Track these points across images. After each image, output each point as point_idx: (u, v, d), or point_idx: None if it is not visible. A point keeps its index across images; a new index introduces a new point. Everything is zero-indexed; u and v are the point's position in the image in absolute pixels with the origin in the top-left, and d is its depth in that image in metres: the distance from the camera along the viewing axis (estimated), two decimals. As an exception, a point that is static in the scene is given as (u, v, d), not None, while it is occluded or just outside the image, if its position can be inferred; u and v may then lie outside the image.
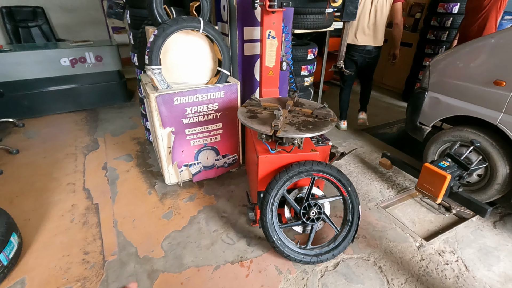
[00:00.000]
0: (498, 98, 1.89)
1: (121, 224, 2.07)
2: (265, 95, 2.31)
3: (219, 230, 2.03)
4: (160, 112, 2.13)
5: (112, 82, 4.16)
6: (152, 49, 1.98)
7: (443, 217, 2.22)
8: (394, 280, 1.69)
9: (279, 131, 1.56)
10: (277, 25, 2.07)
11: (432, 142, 2.40)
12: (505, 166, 1.97)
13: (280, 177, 1.72)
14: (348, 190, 1.77)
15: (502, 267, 1.78)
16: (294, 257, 1.72)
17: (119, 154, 2.96)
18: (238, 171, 2.70)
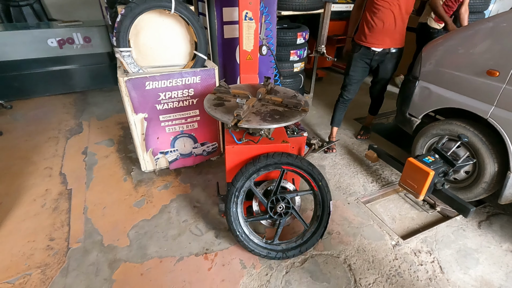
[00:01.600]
0: (490, 89, 1.73)
1: (91, 211, 2.04)
2: (243, 81, 2.19)
3: (189, 220, 1.98)
4: (131, 97, 2.04)
5: (102, 65, 4.06)
6: (119, 30, 1.86)
7: (426, 214, 2.11)
8: (362, 280, 1.62)
9: (241, 121, 1.45)
10: (254, 5, 1.93)
11: (420, 135, 2.26)
12: (493, 164, 1.83)
13: (247, 169, 1.63)
14: (319, 184, 1.67)
15: (480, 270, 1.68)
16: (258, 252, 1.66)
17: (101, 139, 2.91)
18: (219, 160, 2.62)
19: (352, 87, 2.54)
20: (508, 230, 1.95)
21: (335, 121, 2.76)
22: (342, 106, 2.68)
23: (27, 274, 1.61)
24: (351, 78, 2.50)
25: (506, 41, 1.63)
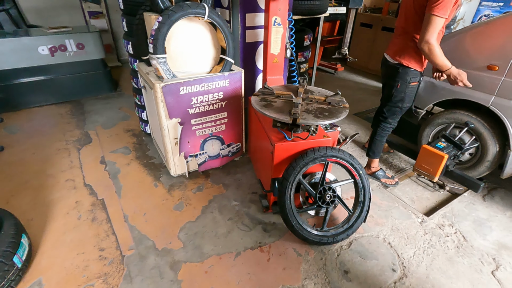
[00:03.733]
0: (491, 81, 2.03)
1: (132, 218, 2.04)
2: (270, 83, 2.31)
3: (233, 218, 2.06)
4: (166, 102, 2.07)
5: (96, 72, 3.94)
6: (157, 37, 1.90)
7: (438, 193, 2.39)
8: (404, 254, 1.83)
9: (298, 119, 1.58)
10: (283, 11, 2.07)
11: (426, 125, 2.54)
12: (495, 145, 2.15)
13: (297, 163, 1.76)
14: (360, 173, 1.86)
15: (495, 235, 1.97)
16: (312, 239, 1.80)
17: (116, 147, 2.86)
18: (242, 160, 2.71)
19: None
20: (508, 200, 2.29)
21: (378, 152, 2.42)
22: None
23: (90, 286, 1.59)
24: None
25: (505, 39, 1.93)
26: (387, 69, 2.15)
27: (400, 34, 2.00)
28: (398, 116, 2.24)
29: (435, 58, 1.79)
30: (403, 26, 1.96)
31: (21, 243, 1.61)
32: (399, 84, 2.05)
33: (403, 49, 1.98)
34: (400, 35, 2.00)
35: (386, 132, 2.31)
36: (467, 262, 1.79)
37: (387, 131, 2.30)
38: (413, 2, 1.83)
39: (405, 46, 1.97)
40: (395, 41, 2.06)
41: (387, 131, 2.31)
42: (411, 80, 2.03)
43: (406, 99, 2.11)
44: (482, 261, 1.79)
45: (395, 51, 2.03)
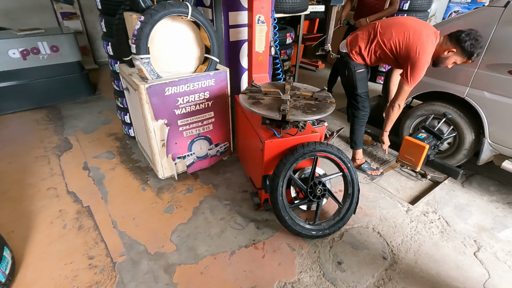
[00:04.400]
0: (465, 74, 2.14)
1: (121, 223, 1.98)
2: (255, 81, 2.31)
3: (225, 217, 2.05)
4: (151, 104, 2.03)
5: (73, 75, 3.78)
6: (140, 37, 1.85)
7: (421, 182, 2.50)
8: (393, 242, 1.90)
9: (287, 115, 1.60)
10: (267, 9, 2.08)
11: (407, 117, 2.65)
12: (471, 134, 2.27)
13: (287, 159, 1.78)
14: (348, 166, 1.91)
15: (475, 219, 2.09)
16: (305, 233, 1.82)
17: (98, 152, 2.76)
18: (230, 159, 2.71)
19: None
20: (484, 185, 2.43)
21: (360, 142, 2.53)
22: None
23: (81, 295, 1.54)
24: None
25: (475, 34, 2.04)
26: (338, 59, 2.37)
27: (365, 38, 2.13)
28: (364, 103, 2.35)
29: (392, 118, 2.26)
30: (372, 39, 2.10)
31: (3, 256, 1.53)
32: (347, 72, 2.25)
33: (356, 45, 2.16)
34: (365, 39, 2.13)
35: (362, 120, 2.41)
36: (451, 245, 1.88)
37: (363, 118, 2.40)
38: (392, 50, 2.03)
39: (360, 45, 2.14)
40: (356, 36, 2.18)
41: (363, 119, 2.40)
42: (355, 68, 2.21)
43: (358, 86, 2.27)
44: (465, 244, 1.89)
45: (350, 41, 2.19)
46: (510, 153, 2.11)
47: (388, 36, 2.01)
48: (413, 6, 4.09)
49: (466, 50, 1.89)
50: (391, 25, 2.04)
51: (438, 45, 1.96)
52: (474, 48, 1.87)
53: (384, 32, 2.04)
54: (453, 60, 1.99)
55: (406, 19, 2.07)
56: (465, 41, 1.86)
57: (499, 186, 2.42)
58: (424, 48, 1.90)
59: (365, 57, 2.18)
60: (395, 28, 2.00)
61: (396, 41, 1.98)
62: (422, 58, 1.91)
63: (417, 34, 1.92)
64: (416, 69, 1.94)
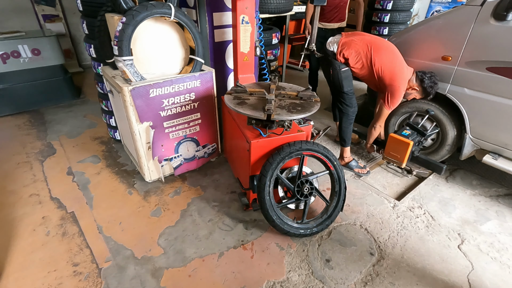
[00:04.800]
0: (446, 71, 2.19)
1: (107, 228, 1.94)
2: (241, 82, 2.32)
3: (213, 219, 2.04)
4: (136, 106, 2.00)
5: (55, 78, 3.70)
6: (122, 38, 1.82)
7: (407, 179, 2.54)
8: (380, 238, 1.92)
9: (272, 115, 1.61)
10: (250, 9, 2.08)
11: (392, 115, 2.69)
12: (453, 130, 2.32)
13: (274, 159, 1.79)
14: (334, 164, 1.92)
15: (458, 213, 2.14)
16: (293, 232, 1.83)
17: (83, 157, 2.70)
18: (219, 160, 2.69)
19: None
20: (467, 180, 2.49)
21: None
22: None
23: (65, 303, 1.50)
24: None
25: (455, 31, 2.10)
26: (323, 57, 2.42)
27: (358, 51, 2.20)
28: (351, 100, 2.39)
29: (374, 136, 2.47)
30: (365, 63, 2.22)
31: (-18, 266, 1.47)
32: (331, 71, 2.31)
33: (347, 51, 2.22)
34: (357, 51, 2.20)
35: (351, 117, 2.45)
36: (436, 239, 1.92)
37: (352, 115, 2.44)
38: (379, 68, 2.16)
39: (351, 52, 2.21)
40: (351, 43, 2.23)
41: (352, 116, 2.44)
42: (340, 67, 2.27)
43: (344, 84, 2.30)
44: (449, 237, 1.93)
45: (343, 44, 2.23)
46: (490, 147, 2.17)
47: (379, 58, 2.15)
48: (396, 6, 4.18)
49: (426, 91, 2.22)
50: (384, 49, 2.18)
51: (409, 81, 2.24)
52: (432, 90, 2.20)
53: (377, 53, 2.16)
54: (414, 95, 2.32)
55: (396, 50, 2.22)
56: (426, 83, 2.17)
57: (481, 180, 2.48)
58: (404, 81, 2.17)
59: (349, 65, 2.26)
60: (386, 54, 2.17)
61: (384, 65, 2.15)
62: (401, 89, 2.16)
63: (401, 67, 2.17)
64: (396, 97, 2.18)
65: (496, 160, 2.13)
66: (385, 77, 2.17)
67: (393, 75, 2.15)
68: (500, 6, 1.86)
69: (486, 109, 2.07)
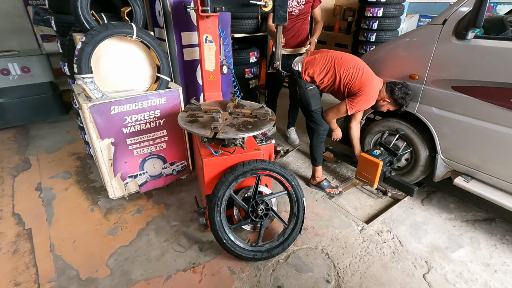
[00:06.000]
0: (414, 90, 2.14)
1: (59, 247, 1.90)
2: (208, 99, 2.32)
3: (170, 239, 1.98)
4: (96, 123, 2.01)
5: (44, 95, 3.80)
6: (81, 57, 1.86)
7: (381, 200, 2.44)
8: (340, 264, 1.81)
9: (219, 133, 1.58)
10: (213, 29, 2.10)
11: (367, 134, 2.63)
12: (425, 150, 2.24)
13: (226, 178, 1.74)
14: (292, 184, 1.85)
15: (429, 238, 2.01)
16: (245, 255, 1.75)
17: (56, 172, 2.71)
18: (189, 178, 2.65)
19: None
20: (444, 203, 2.37)
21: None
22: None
23: (-5, 326, 1.44)
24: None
25: (420, 50, 2.06)
26: (289, 76, 2.43)
27: (322, 66, 2.20)
28: (319, 118, 2.35)
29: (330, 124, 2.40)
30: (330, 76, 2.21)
31: None
32: (298, 90, 2.29)
33: (311, 68, 2.21)
34: (321, 66, 2.20)
35: (320, 137, 2.40)
36: (401, 267, 1.80)
37: (322, 134, 2.39)
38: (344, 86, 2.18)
39: (314, 69, 2.21)
40: (314, 60, 2.23)
41: (321, 135, 2.39)
42: (306, 85, 2.25)
43: (311, 102, 2.28)
44: (415, 265, 1.81)
45: (307, 62, 2.24)
46: (462, 169, 2.07)
47: (344, 71, 2.14)
48: (381, 26, 4.19)
49: (397, 102, 2.13)
50: (347, 62, 2.17)
51: (380, 92, 2.18)
52: (404, 101, 2.11)
53: (341, 64, 2.16)
54: (387, 107, 2.24)
55: (361, 62, 2.21)
56: (397, 94, 2.10)
57: (459, 203, 2.35)
58: (373, 89, 2.13)
59: (316, 82, 2.24)
60: (351, 66, 2.15)
61: (350, 76, 2.14)
62: (370, 95, 2.12)
63: (369, 76, 2.15)
64: (362, 100, 2.12)
65: (468, 183, 2.02)
66: (354, 87, 2.14)
67: (361, 84, 2.11)
68: (460, 25, 1.82)
69: (455, 129, 1.99)
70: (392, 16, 4.17)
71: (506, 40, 1.72)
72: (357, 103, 2.11)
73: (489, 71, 1.76)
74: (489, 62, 1.76)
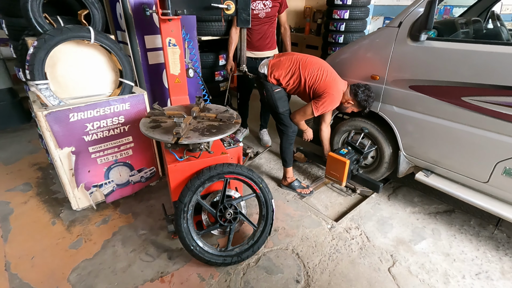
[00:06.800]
0: (375, 90, 2.22)
1: (16, 265, 1.79)
2: (174, 103, 2.27)
3: (137, 249, 1.91)
4: (53, 131, 1.91)
5: (2, 102, 3.58)
6: (33, 62, 1.76)
7: (350, 198, 2.50)
8: (309, 263, 1.84)
9: (181, 139, 1.55)
10: (176, 32, 2.07)
11: (335, 133, 2.69)
12: (388, 147, 2.32)
13: (192, 184, 1.71)
14: (260, 186, 1.86)
15: (395, 232, 2.09)
16: (215, 261, 1.72)
17: (14, 185, 2.55)
18: (159, 184, 2.59)
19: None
20: (408, 197, 2.47)
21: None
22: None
23: None
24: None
25: (379, 52, 2.14)
26: (256, 79, 2.43)
27: (287, 68, 2.22)
28: (288, 121, 2.36)
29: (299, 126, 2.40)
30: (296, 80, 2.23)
31: None
32: (265, 92, 2.30)
33: (277, 71, 2.22)
34: (286, 69, 2.22)
35: (290, 138, 2.41)
36: (368, 262, 1.85)
37: (291, 136, 2.41)
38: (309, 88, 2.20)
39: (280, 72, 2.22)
40: (279, 62, 2.25)
41: (290, 136, 2.41)
42: (273, 88, 2.26)
43: (278, 104, 2.29)
44: (381, 259, 1.87)
45: (272, 65, 2.26)
46: (423, 164, 2.17)
47: (309, 73, 2.17)
48: (348, 28, 4.32)
49: (360, 104, 2.18)
50: (311, 64, 2.19)
51: (344, 94, 2.21)
52: (367, 103, 2.16)
53: (306, 67, 2.18)
54: (352, 109, 2.28)
55: (326, 64, 2.24)
56: (360, 97, 2.14)
57: (423, 197, 2.46)
58: (338, 90, 2.16)
59: (282, 84, 2.26)
60: (315, 68, 2.17)
61: (314, 78, 2.16)
62: (334, 96, 2.14)
63: (333, 78, 2.18)
64: (327, 102, 2.14)
65: (428, 177, 2.12)
66: (319, 89, 2.16)
67: (326, 86, 2.14)
68: (414, 27, 1.91)
69: (414, 127, 2.08)
70: (358, 18, 4.30)
71: (455, 41, 1.83)
72: (322, 104, 2.15)
73: (442, 71, 1.85)
74: (441, 63, 1.85)
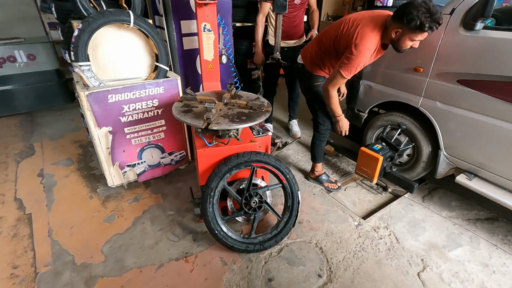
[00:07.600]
0: (418, 83, 2.06)
1: (57, 232, 1.94)
2: (206, 89, 2.29)
3: (164, 228, 1.99)
4: (93, 111, 2.01)
5: (50, 83, 3.85)
6: (77, 44, 1.85)
7: (380, 196, 2.39)
8: (333, 259, 1.79)
9: (211, 124, 1.55)
10: (212, 17, 2.06)
11: (368, 128, 2.56)
12: (428, 145, 2.16)
13: (219, 169, 1.72)
14: (287, 177, 1.83)
15: (427, 236, 1.97)
16: (237, 247, 1.74)
17: (58, 159, 2.76)
18: (188, 168, 2.66)
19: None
20: (445, 200, 2.30)
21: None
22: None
23: (-9, 307, 1.49)
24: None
25: (425, 41, 1.97)
26: (299, 70, 2.26)
27: (314, 47, 2.05)
28: (324, 117, 2.24)
29: (330, 103, 2.01)
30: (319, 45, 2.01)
31: None
32: (304, 84, 2.20)
33: (309, 56, 2.08)
34: (314, 47, 2.05)
35: (322, 135, 2.32)
36: (395, 264, 1.76)
37: (323, 133, 2.31)
38: (333, 42, 1.88)
39: (311, 56, 2.06)
40: (307, 46, 2.13)
41: (323, 134, 2.31)
42: (313, 80, 2.12)
43: (316, 99, 2.17)
44: (410, 263, 1.77)
45: (303, 52, 2.14)
46: (466, 166, 2.00)
47: (330, 34, 1.89)
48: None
49: (410, 23, 1.53)
50: (332, 25, 1.93)
51: (386, 29, 1.69)
52: (420, 17, 1.49)
53: (326, 31, 1.94)
54: (407, 39, 1.66)
55: (350, 15, 1.85)
56: (406, 13, 1.53)
57: (462, 201, 2.29)
58: (363, 33, 1.67)
59: (319, 64, 2.05)
60: (335, 24, 1.88)
61: (335, 34, 1.84)
62: (361, 44, 1.66)
63: (356, 22, 1.73)
64: (358, 58, 1.69)
65: (470, 181, 1.95)
66: (341, 42, 1.79)
67: (348, 35, 1.72)
68: (469, 15, 1.73)
69: (459, 125, 1.91)
70: (403, 6, 4.00)
71: (517, 31, 1.62)
72: (352, 66, 1.71)
73: (498, 64, 1.67)
74: (498, 55, 1.66)
